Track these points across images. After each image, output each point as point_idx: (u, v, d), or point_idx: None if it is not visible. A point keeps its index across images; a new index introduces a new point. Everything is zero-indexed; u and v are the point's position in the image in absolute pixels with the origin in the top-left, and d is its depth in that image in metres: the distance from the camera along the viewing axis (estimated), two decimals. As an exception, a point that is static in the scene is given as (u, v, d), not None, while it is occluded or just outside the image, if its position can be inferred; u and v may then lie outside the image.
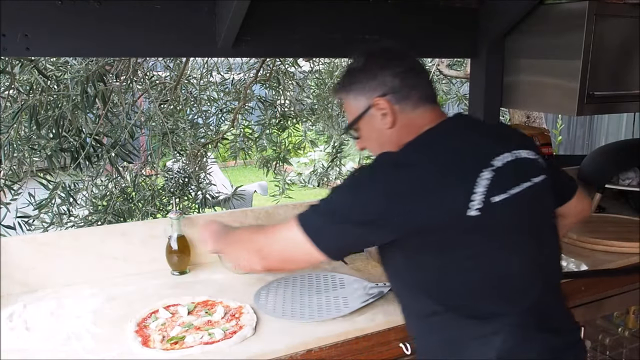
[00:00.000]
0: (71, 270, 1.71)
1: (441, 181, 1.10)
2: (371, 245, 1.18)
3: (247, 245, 1.28)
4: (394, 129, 1.24)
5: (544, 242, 1.25)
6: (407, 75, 1.24)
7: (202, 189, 3.14)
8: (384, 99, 1.23)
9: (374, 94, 1.24)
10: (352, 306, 1.50)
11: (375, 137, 1.29)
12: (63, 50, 1.55)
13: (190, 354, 1.28)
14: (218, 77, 3.48)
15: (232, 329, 1.39)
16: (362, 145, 1.35)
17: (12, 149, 2.55)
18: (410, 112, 1.24)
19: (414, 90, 1.24)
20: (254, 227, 1.36)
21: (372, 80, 1.24)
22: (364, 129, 1.29)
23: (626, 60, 1.97)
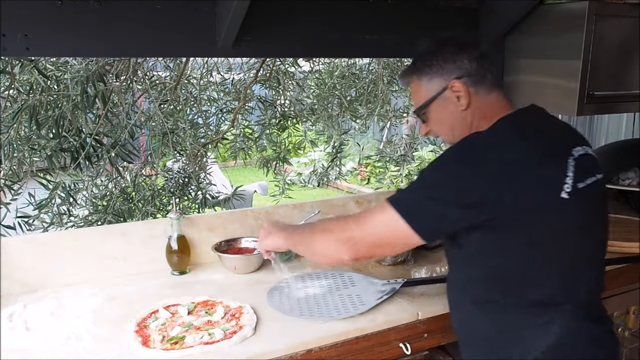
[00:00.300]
0: (71, 270, 1.71)
1: (539, 160, 1.15)
2: (462, 226, 1.17)
3: (334, 235, 1.26)
4: (468, 112, 1.27)
5: (601, 234, 1.31)
6: (482, 60, 1.28)
7: (202, 189, 3.14)
8: (460, 81, 1.26)
9: (450, 76, 1.27)
10: (368, 304, 1.52)
11: (446, 120, 1.31)
12: (63, 50, 1.55)
13: (190, 354, 1.28)
14: (218, 77, 3.47)
15: (232, 329, 1.39)
16: (430, 129, 1.37)
17: (12, 149, 2.55)
18: (485, 96, 1.28)
19: (488, 75, 1.28)
20: (335, 218, 1.35)
21: (450, 63, 1.27)
22: (435, 111, 1.32)
23: (626, 60, 1.97)
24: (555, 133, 1.28)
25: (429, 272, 1.80)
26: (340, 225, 1.27)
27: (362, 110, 3.72)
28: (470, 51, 1.28)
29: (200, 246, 1.88)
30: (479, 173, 1.12)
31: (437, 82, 1.29)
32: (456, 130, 1.30)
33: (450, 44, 1.29)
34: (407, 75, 1.36)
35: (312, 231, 1.35)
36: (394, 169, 4.54)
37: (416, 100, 1.35)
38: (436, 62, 1.28)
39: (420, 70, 1.31)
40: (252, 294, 1.62)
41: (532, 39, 2.03)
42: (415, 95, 1.35)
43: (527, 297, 1.19)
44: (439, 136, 1.39)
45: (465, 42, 1.31)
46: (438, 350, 1.59)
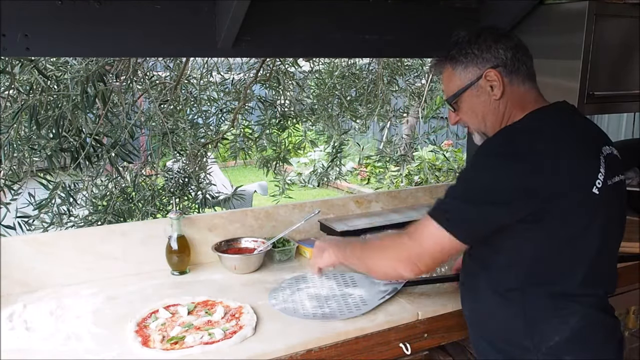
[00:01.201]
0: (71, 270, 1.71)
1: (577, 154, 1.18)
2: (504, 224, 1.18)
3: (392, 253, 1.28)
4: (501, 101, 1.28)
5: (619, 233, 1.34)
6: (517, 51, 1.29)
7: (202, 189, 3.14)
8: (495, 71, 1.27)
9: (485, 65, 1.28)
10: (371, 304, 1.52)
11: (478, 110, 1.32)
12: (63, 50, 1.55)
13: (190, 354, 1.28)
14: (218, 77, 3.47)
15: (232, 329, 1.39)
16: (460, 118, 1.37)
17: (12, 149, 2.55)
18: (518, 87, 1.29)
19: (523, 66, 1.29)
20: (386, 235, 1.38)
21: (486, 52, 1.28)
22: (467, 100, 1.32)
23: (626, 60, 1.97)
24: (587, 129, 1.30)
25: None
26: (396, 243, 1.28)
27: (362, 110, 3.72)
28: (506, 41, 1.29)
29: (200, 246, 1.88)
30: (521, 167, 1.14)
31: (472, 71, 1.29)
32: (488, 120, 1.31)
33: (487, 34, 1.30)
34: (441, 64, 1.36)
35: (368, 249, 1.36)
36: (394, 169, 4.55)
37: (448, 88, 1.35)
38: (471, 51, 1.29)
39: (455, 59, 1.32)
40: (252, 294, 1.62)
41: (532, 39, 2.02)
42: (448, 83, 1.35)
43: (551, 288, 1.21)
44: (469, 126, 1.39)
45: (501, 32, 1.32)
46: (438, 350, 1.59)
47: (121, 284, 1.71)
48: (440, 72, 1.38)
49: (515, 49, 1.29)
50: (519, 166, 1.14)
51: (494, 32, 1.31)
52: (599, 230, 1.22)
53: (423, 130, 4.74)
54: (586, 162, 1.20)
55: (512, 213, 1.16)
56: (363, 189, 7.22)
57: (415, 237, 1.23)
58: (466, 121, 1.37)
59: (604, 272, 1.28)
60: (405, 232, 1.27)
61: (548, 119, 1.25)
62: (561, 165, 1.14)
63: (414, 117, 4.82)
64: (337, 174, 4.08)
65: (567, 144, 1.19)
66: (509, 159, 1.16)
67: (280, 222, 2.02)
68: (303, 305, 1.54)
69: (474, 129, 1.38)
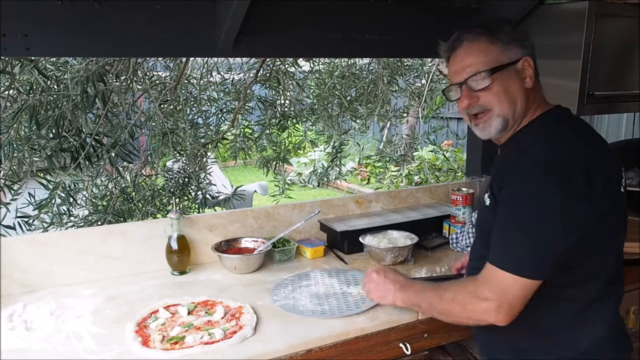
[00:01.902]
0: (71, 270, 1.71)
1: (604, 159, 1.20)
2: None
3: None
4: (530, 92, 1.28)
5: (625, 234, 1.33)
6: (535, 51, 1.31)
7: (202, 189, 3.14)
8: (530, 59, 1.27)
9: (526, 51, 1.27)
10: (370, 302, 1.52)
11: (512, 91, 1.26)
12: (63, 50, 1.55)
13: (190, 354, 1.28)
14: (218, 77, 3.47)
15: (232, 329, 1.39)
16: (480, 99, 1.27)
17: (12, 149, 2.55)
18: (538, 84, 1.31)
19: (537, 67, 1.31)
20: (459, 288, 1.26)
21: (526, 41, 1.28)
22: (501, 79, 1.25)
23: (626, 60, 1.97)
24: (594, 133, 1.31)
25: (429, 272, 1.80)
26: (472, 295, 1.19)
27: (362, 110, 3.72)
28: (531, 39, 1.30)
29: (200, 246, 1.88)
30: (570, 194, 1.11)
31: (514, 51, 1.26)
32: (519, 105, 1.26)
33: (523, 26, 1.36)
34: (474, 32, 1.27)
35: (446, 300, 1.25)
36: (394, 169, 4.55)
37: (480, 62, 1.25)
38: (514, 34, 1.28)
39: (495, 34, 1.26)
40: (252, 294, 1.62)
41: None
42: (479, 56, 1.25)
43: (580, 293, 1.21)
44: (489, 110, 1.27)
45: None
46: (438, 350, 1.59)
47: (121, 284, 1.71)
48: (462, 43, 1.28)
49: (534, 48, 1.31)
50: (567, 198, 1.10)
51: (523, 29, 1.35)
52: (621, 230, 1.24)
53: (423, 130, 4.74)
54: (612, 167, 1.22)
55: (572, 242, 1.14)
56: (363, 189, 7.22)
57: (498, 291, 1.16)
58: (491, 103, 1.26)
59: (622, 273, 1.30)
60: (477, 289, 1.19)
61: (566, 130, 1.26)
62: (601, 176, 1.15)
63: (414, 117, 4.82)
64: (337, 174, 4.08)
65: (596, 151, 1.21)
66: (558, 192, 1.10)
67: (280, 222, 2.02)
68: (303, 302, 1.55)
69: (498, 113, 1.27)
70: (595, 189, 1.12)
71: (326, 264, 1.89)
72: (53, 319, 1.47)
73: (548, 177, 1.11)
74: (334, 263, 1.90)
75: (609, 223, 1.18)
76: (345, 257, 1.94)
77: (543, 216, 1.11)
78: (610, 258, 1.23)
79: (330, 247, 2.01)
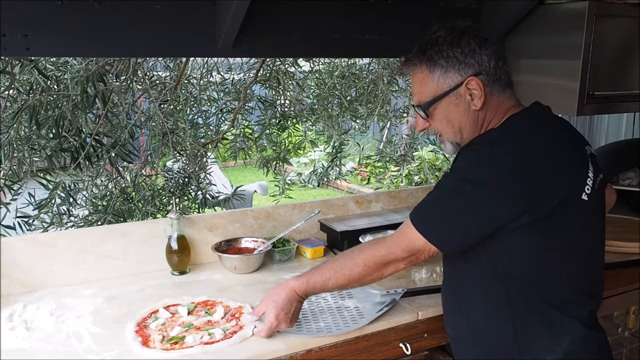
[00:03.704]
0: (71, 270, 1.71)
1: (566, 162, 1.15)
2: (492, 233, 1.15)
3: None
4: (480, 111, 1.21)
5: (603, 236, 1.29)
6: (500, 57, 1.21)
7: (202, 189, 3.14)
8: (477, 79, 1.18)
9: (468, 72, 1.19)
10: (368, 316, 1.46)
11: (455, 119, 1.23)
12: (63, 50, 1.55)
13: (190, 354, 1.28)
14: (218, 77, 3.47)
15: (232, 329, 1.39)
16: (429, 126, 1.27)
17: (12, 149, 2.55)
18: (499, 95, 1.22)
19: (503, 75, 1.22)
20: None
21: (470, 57, 1.18)
22: (444, 108, 1.23)
23: (626, 60, 1.97)
24: (567, 132, 1.25)
25: (429, 272, 1.80)
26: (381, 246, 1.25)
27: (362, 110, 3.72)
28: (489, 47, 1.20)
29: (200, 246, 1.88)
30: (510, 181, 1.08)
31: (452, 77, 1.19)
32: (465, 131, 1.23)
33: (470, 36, 1.19)
34: (414, 64, 1.24)
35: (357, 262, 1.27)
36: (394, 169, 4.55)
37: (421, 92, 1.24)
38: (453, 54, 1.18)
39: (433, 61, 1.20)
40: (252, 294, 1.62)
41: (532, 39, 2.03)
42: (421, 87, 1.24)
43: (541, 301, 1.17)
44: (441, 135, 1.28)
45: (484, 36, 1.21)
46: (438, 350, 1.59)
47: (121, 284, 1.71)
48: (410, 73, 1.26)
49: (497, 55, 1.21)
50: (505, 184, 1.09)
51: (477, 35, 1.20)
52: (588, 237, 1.18)
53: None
54: (575, 170, 1.16)
55: (496, 227, 1.12)
56: (363, 189, 7.22)
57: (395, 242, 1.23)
58: (439, 130, 1.27)
59: (594, 280, 1.24)
60: (389, 237, 1.26)
61: (531, 126, 1.19)
62: (551, 177, 1.11)
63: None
64: (337, 174, 4.07)
65: (554, 153, 1.14)
66: (496, 177, 1.10)
67: (280, 222, 2.02)
68: (297, 322, 1.42)
69: (447, 138, 1.28)
70: (532, 184, 1.09)
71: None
72: (53, 319, 1.47)
73: (483, 163, 1.12)
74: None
75: (561, 231, 1.14)
76: (345, 257, 1.93)
77: (460, 191, 1.13)
78: (573, 270, 1.18)
79: (330, 247, 2.01)
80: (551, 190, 1.10)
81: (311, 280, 1.30)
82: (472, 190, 1.11)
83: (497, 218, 1.11)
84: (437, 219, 1.16)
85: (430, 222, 1.16)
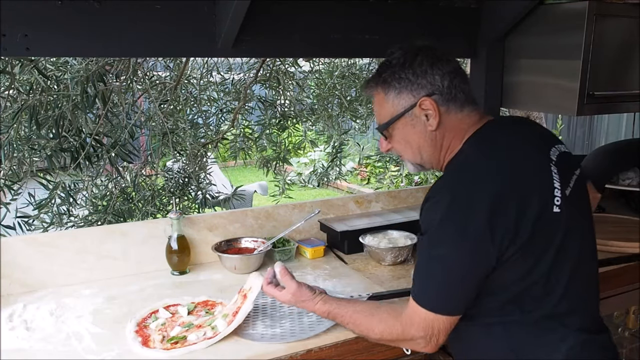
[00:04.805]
0: (71, 270, 1.71)
1: (526, 182, 1.11)
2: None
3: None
4: (438, 132, 1.20)
5: (591, 233, 1.26)
6: (455, 76, 1.20)
7: (202, 189, 3.14)
8: (430, 99, 1.18)
9: (420, 93, 1.19)
10: (327, 324, 1.41)
11: (413, 140, 1.23)
12: (63, 50, 1.55)
13: (194, 350, 1.29)
14: (218, 77, 3.47)
15: (233, 311, 1.40)
16: (392, 147, 1.28)
17: (12, 149, 2.55)
18: (456, 114, 1.21)
19: (460, 94, 1.20)
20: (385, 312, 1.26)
21: (421, 77, 1.18)
22: (401, 129, 1.24)
23: (626, 60, 1.97)
24: (530, 141, 1.22)
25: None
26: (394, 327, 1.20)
27: (362, 110, 3.72)
28: (443, 66, 1.19)
29: (200, 246, 1.88)
30: (479, 227, 1.06)
31: (406, 98, 1.20)
32: (424, 152, 1.24)
33: (423, 56, 1.19)
34: (371, 86, 1.26)
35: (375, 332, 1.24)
36: (394, 169, 4.55)
37: (380, 114, 1.26)
38: (405, 75, 1.19)
39: (387, 83, 1.21)
40: (252, 294, 1.62)
41: (532, 39, 2.03)
42: (379, 108, 1.25)
43: (531, 316, 1.15)
44: (401, 156, 1.29)
45: (439, 55, 1.21)
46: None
47: (121, 284, 1.71)
48: (371, 95, 1.27)
49: (452, 74, 1.19)
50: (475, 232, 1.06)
51: (431, 55, 1.20)
52: (571, 240, 1.15)
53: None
54: (540, 186, 1.12)
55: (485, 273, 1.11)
56: (363, 189, 7.23)
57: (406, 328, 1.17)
58: (399, 151, 1.28)
59: (588, 285, 1.22)
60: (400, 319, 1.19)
61: (490, 151, 1.16)
62: (518, 207, 1.07)
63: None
64: (337, 174, 4.08)
65: (517, 177, 1.11)
66: (466, 227, 1.07)
67: (280, 222, 2.02)
68: (254, 324, 1.43)
69: (407, 159, 1.29)
70: (503, 222, 1.06)
71: (326, 264, 1.89)
72: (53, 319, 1.47)
73: (448, 222, 1.09)
74: (334, 263, 1.90)
75: (543, 249, 1.12)
76: (345, 257, 1.94)
77: (444, 261, 1.11)
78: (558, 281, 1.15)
79: (330, 247, 2.01)
80: (522, 219, 1.07)
81: (330, 316, 1.33)
82: (451, 255, 1.10)
83: (485, 267, 1.10)
84: (437, 291, 1.14)
85: (435, 296, 1.14)
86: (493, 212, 1.06)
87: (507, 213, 1.07)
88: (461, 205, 1.09)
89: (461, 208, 1.08)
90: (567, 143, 7.40)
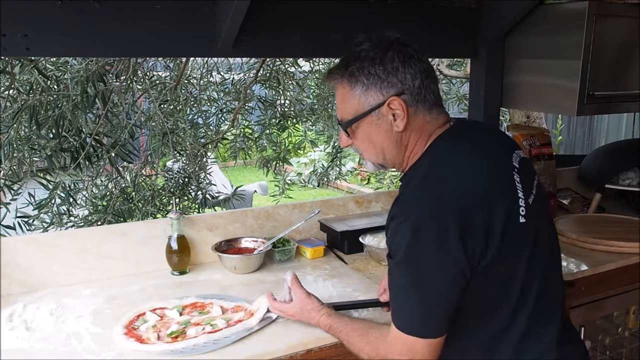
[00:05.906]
0: (71, 270, 1.71)
1: (494, 193, 1.07)
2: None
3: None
4: (404, 133, 1.15)
5: (553, 238, 1.23)
6: (427, 76, 1.14)
7: (202, 189, 3.14)
8: (399, 99, 1.11)
9: (390, 92, 1.11)
10: (239, 334, 1.36)
11: (377, 140, 1.17)
12: (63, 50, 1.55)
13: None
14: (218, 77, 3.48)
15: (235, 318, 1.40)
16: (354, 143, 1.22)
17: (12, 149, 2.56)
18: (424, 116, 1.15)
19: (430, 95, 1.14)
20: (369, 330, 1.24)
21: (392, 76, 1.11)
22: (365, 128, 1.17)
23: (626, 60, 1.97)
24: (491, 149, 1.18)
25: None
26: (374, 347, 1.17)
27: (362, 110, 3.71)
28: (415, 65, 1.12)
29: (200, 246, 1.88)
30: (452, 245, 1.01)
31: (374, 96, 1.12)
32: (387, 153, 1.18)
33: (395, 52, 1.12)
34: (335, 78, 1.18)
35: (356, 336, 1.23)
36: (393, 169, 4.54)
37: (343, 109, 1.18)
38: (375, 71, 1.11)
39: (354, 77, 1.13)
40: (252, 294, 1.61)
41: (532, 39, 2.03)
42: (343, 103, 1.17)
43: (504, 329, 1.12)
44: (362, 154, 1.23)
45: (410, 52, 1.13)
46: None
47: (121, 284, 1.71)
48: (334, 87, 1.19)
49: (424, 73, 1.13)
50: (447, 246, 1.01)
51: (403, 51, 1.12)
52: (537, 257, 1.12)
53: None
54: (505, 196, 1.08)
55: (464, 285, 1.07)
56: (363, 189, 7.22)
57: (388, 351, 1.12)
58: (361, 149, 1.21)
59: (555, 289, 1.19)
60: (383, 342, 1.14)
61: (456, 157, 1.12)
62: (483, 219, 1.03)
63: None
64: (337, 174, 4.08)
65: (481, 190, 1.07)
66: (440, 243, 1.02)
67: (280, 222, 2.02)
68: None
69: (368, 159, 1.22)
70: (472, 236, 1.02)
71: (326, 264, 1.89)
72: (53, 319, 1.47)
73: (418, 245, 1.03)
74: (334, 263, 1.90)
75: (504, 259, 1.08)
76: (345, 257, 1.94)
77: (418, 284, 1.06)
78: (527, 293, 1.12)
79: (330, 247, 2.01)
80: (490, 232, 1.04)
81: (331, 330, 1.32)
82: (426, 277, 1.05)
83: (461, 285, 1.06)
84: (415, 315, 1.08)
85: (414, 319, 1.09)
86: (463, 229, 1.01)
87: (475, 227, 1.02)
88: (429, 227, 1.02)
89: (430, 229, 1.02)
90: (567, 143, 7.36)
